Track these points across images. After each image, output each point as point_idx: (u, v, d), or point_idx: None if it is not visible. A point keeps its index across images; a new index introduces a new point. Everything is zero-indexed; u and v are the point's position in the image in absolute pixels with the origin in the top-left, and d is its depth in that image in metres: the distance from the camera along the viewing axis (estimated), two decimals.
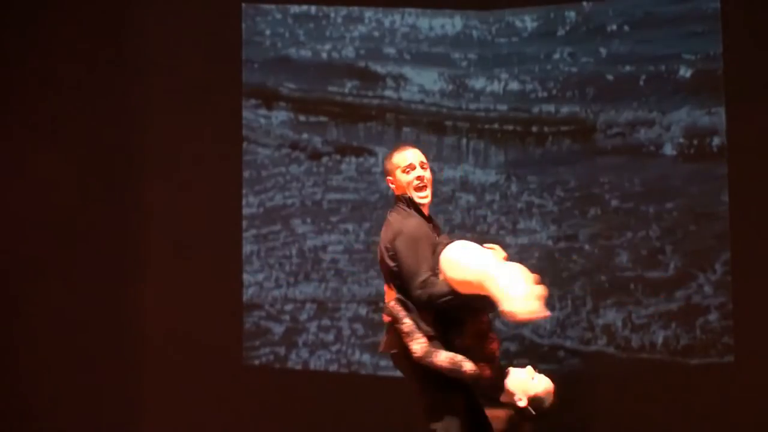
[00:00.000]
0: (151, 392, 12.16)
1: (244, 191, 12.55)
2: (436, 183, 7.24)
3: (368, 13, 12.82)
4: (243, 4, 12.72)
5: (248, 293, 12.37)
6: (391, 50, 12.83)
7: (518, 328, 12.29)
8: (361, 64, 12.81)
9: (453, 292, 6.27)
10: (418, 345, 6.35)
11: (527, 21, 12.80)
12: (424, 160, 6.86)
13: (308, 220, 12.61)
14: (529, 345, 12.42)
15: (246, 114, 12.66)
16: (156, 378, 12.18)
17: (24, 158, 12.25)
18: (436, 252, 6.47)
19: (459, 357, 6.37)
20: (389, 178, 6.89)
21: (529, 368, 6.56)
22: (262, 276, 12.30)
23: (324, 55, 12.79)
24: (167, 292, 12.03)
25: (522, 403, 6.48)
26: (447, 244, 6.51)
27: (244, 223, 12.50)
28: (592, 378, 12.31)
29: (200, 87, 12.51)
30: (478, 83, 12.83)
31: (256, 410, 12.16)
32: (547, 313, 6.14)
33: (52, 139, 12.30)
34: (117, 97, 12.45)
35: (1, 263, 12.09)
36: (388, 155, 7.02)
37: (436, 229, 6.86)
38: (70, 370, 11.99)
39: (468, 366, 6.32)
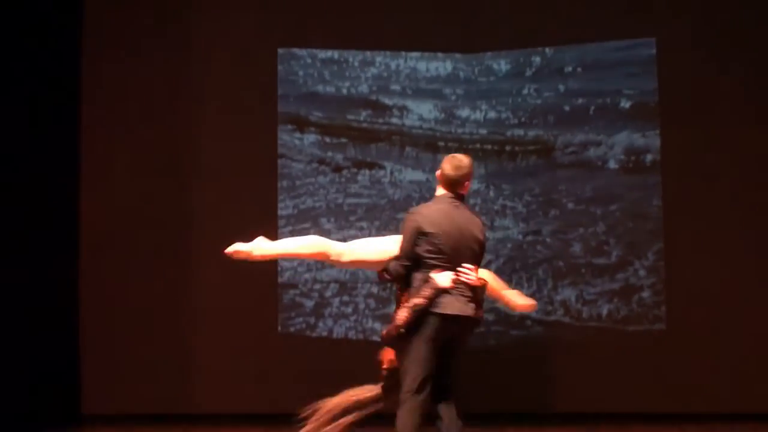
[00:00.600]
0: (205, 354, 12.25)
1: (281, 197, 12.69)
2: (431, 191, 7.17)
3: (378, 57, 12.95)
4: (279, 50, 12.83)
5: (285, 276, 12.54)
6: (396, 87, 12.97)
7: (496, 302, 12.14)
8: (373, 97, 12.94)
9: None
10: None
11: (502, 64, 12.94)
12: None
13: (332, 219, 12.75)
14: (503, 315, 12.43)
15: (283, 137, 12.79)
16: (210, 342, 12.27)
17: (113, 167, 12.41)
18: None
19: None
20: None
21: None
22: (296, 262, 12.38)
23: (344, 91, 12.92)
24: (219, 277, 11.96)
25: None
26: None
27: (282, 221, 12.62)
28: (552, 341, 12.45)
29: (246, 115, 12.66)
30: (464, 113, 12.95)
31: (291, 367, 12.22)
32: None
33: (134, 153, 12.46)
34: (182, 122, 12.58)
35: (92, 244, 12.23)
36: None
37: None
38: (142, 335, 12.10)
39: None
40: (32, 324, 11.50)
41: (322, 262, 12.09)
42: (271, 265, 12.21)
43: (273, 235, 12.07)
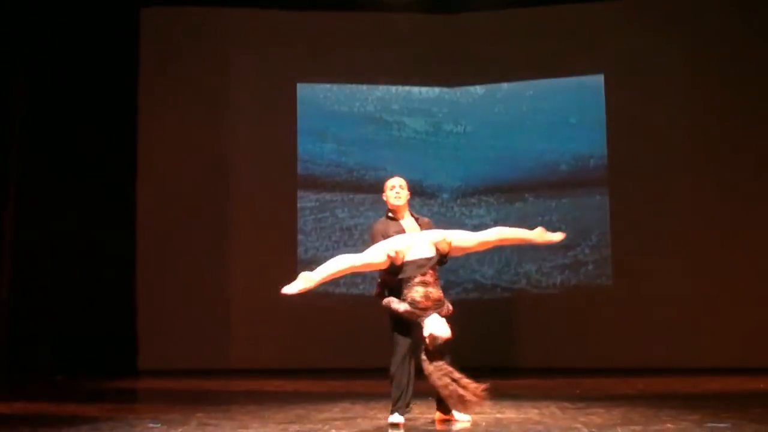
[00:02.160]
0: (240, 319, 11.96)
1: (306, 192, 12.31)
2: (422, 187, 6.78)
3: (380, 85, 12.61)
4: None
5: (308, 254, 12.03)
6: (395, 106, 12.62)
7: (473, 274, 12.13)
8: (377, 115, 12.57)
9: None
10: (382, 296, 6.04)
11: (478, 88, 12.60)
12: (403, 183, 6.34)
13: (345, 209, 12.37)
14: (479, 284, 12.18)
15: (307, 145, 12.37)
16: (244, 310, 11.95)
17: (165, 165, 12.06)
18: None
19: (395, 302, 5.87)
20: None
21: (435, 315, 5.75)
22: (318, 243, 12.11)
23: (355, 110, 12.53)
24: (251, 256, 11.90)
25: (426, 336, 5.76)
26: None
27: (306, 212, 12.25)
28: (518, 304, 12.10)
29: (273, 128, 12.33)
30: (448, 127, 12.62)
31: (309, 329, 11.78)
32: None
33: (183, 154, 12.11)
34: (222, 137, 12.27)
35: (147, 229, 11.91)
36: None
37: (419, 222, 6.35)
38: (187, 304, 11.80)
39: (400, 307, 5.81)
40: (97, 295, 11.28)
41: (337, 240, 12.04)
42: (291, 244, 12.01)
43: (293, 222, 12.04)
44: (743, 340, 11.01)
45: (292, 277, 11.95)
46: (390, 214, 6.35)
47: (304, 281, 5.83)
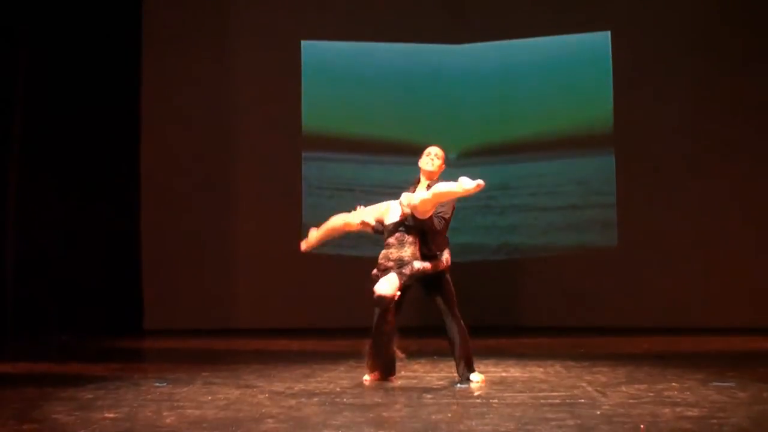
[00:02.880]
0: (245, 280, 12.00)
1: (311, 153, 12.21)
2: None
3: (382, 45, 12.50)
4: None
5: (313, 214, 11.82)
6: (400, 64, 12.44)
7: (480, 235, 12.09)
8: (382, 72, 12.41)
9: None
10: None
11: (484, 47, 12.43)
12: (438, 152, 6.10)
13: (349, 168, 12.30)
14: (486, 246, 12.16)
15: (309, 103, 12.26)
16: (249, 272, 11.98)
17: (169, 125, 12.03)
18: None
19: None
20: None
21: (391, 274, 5.86)
22: (322, 203, 12.06)
23: (360, 67, 12.38)
24: (256, 217, 12.00)
25: None
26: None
27: (311, 171, 12.17)
28: (524, 265, 12.10)
29: (280, 90, 12.24)
30: (454, 85, 12.45)
31: (313, 279, 11.84)
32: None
33: (186, 115, 12.08)
34: (226, 95, 12.21)
35: (150, 194, 11.90)
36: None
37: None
38: (193, 265, 11.88)
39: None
40: (103, 255, 11.29)
41: (341, 200, 11.99)
42: (296, 204, 12.02)
43: (297, 181, 12.01)
44: (748, 300, 11.04)
45: (296, 237, 12.03)
46: (416, 182, 6.25)
47: (309, 235, 6.63)
